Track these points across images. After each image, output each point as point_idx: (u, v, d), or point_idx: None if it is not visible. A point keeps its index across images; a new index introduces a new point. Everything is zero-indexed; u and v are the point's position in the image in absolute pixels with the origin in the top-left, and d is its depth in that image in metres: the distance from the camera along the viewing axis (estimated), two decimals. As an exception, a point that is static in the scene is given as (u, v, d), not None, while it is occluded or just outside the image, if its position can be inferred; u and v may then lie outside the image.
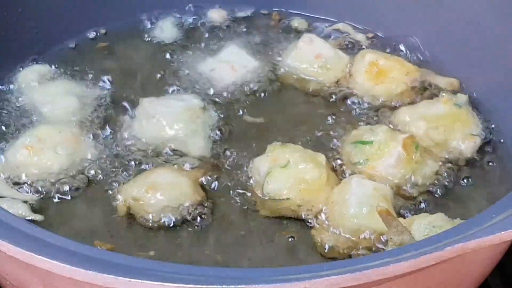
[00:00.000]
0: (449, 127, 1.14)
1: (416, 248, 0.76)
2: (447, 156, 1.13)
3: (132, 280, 0.72)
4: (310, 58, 1.27)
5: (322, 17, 1.41)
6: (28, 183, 1.09)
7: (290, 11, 1.42)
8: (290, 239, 1.03)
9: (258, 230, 1.05)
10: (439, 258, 0.75)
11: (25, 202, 1.06)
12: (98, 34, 1.36)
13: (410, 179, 1.08)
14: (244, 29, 1.39)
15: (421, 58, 1.31)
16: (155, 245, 1.03)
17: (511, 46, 1.19)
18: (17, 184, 1.09)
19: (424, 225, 0.97)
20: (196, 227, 1.04)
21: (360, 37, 1.36)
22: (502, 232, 0.77)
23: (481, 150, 1.15)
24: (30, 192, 1.08)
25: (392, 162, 1.08)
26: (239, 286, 0.72)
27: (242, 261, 1.00)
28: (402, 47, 1.34)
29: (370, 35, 1.37)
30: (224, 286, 0.72)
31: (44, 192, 1.08)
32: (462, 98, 1.19)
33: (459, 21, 1.27)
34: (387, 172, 1.08)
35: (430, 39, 1.32)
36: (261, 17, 1.42)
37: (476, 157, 1.14)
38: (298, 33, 1.36)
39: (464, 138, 1.14)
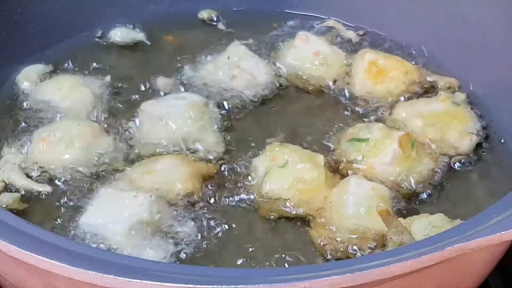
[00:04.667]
0: (446, 124, 1.14)
1: (416, 248, 0.77)
2: (443, 154, 1.13)
3: (132, 280, 0.72)
4: (309, 55, 1.27)
5: (312, 14, 1.41)
6: (42, 174, 1.09)
7: (280, 9, 1.42)
8: (288, 239, 1.03)
9: (256, 230, 1.05)
10: (439, 258, 0.75)
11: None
12: (98, 34, 1.36)
13: (406, 177, 1.08)
14: (239, 28, 1.38)
15: (418, 57, 1.31)
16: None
17: (510, 45, 1.19)
18: (31, 174, 1.09)
19: (424, 225, 0.97)
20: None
21: (350, 34, 1.36)
22: (502, 232, 0.77)
23: (480, 149, 1.15)
24: (44, 183, 1.08)
25: (387, 159, 1.08)
26: (239, 286, 0.72)
27: (239, 260, 1.00)
28: (397, 45, 1.34)
29: (361, 32, 1.37)
30: (224, 286, 0.72)
31: (58, 184, 1.08)
32: (460, 96, 1.20)
33: (456, 19, 1.27)
34: (383, 170, 1.08)
35: (427, 37, 1.32)
36: (252, 14, 1.42)
37: (474, 156, 1.14)
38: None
39: (461, 136, 1.14)
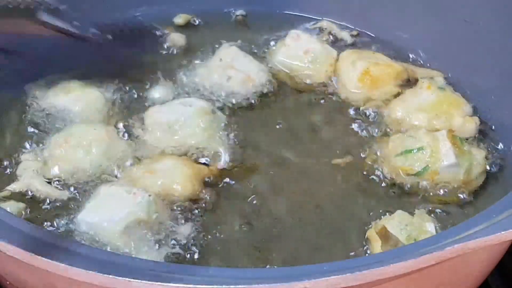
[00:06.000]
0: (448, 113, 1.14)
1: (416, 248, 0.77)
2: None
3: (132, 280, 0.72)
4: (299, 54, 1.27)
5: (305, 15, 1.40)
6: (60, 180, 1.07)
7: (273, 10, 1.42)
8: (285, 241, 1.02)
9: (255, 232, 1.04)
10: (439, 258, 0.75)
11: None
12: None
13: (471, 172, 1.07)
14: (229, 29, 1.39)
15: (409, 56, 1.32)
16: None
17: (509, 46, 1.18)
18: (51, 180, 1.08)
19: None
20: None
21: (344, 34, 1.36)
22: (502, 232, 0.77)
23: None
24: (64, 189, 1.06)
25: (452, 160, 1.06)
26: (239, 286, 0.72)
27: (238, 261, 1.00)
28: (388, 45, 1.34)
29: (355, 32, 1.37)
30: (224, 286, 0.72)
31: (78, 189, 1.07)
32: (440, 80, 1.20)
33: (453, 19, 1.26)
34: (451, 171, 1.06)
35: (418, 36, 1.32)
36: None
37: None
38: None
39: (464, 121, 1.14)
